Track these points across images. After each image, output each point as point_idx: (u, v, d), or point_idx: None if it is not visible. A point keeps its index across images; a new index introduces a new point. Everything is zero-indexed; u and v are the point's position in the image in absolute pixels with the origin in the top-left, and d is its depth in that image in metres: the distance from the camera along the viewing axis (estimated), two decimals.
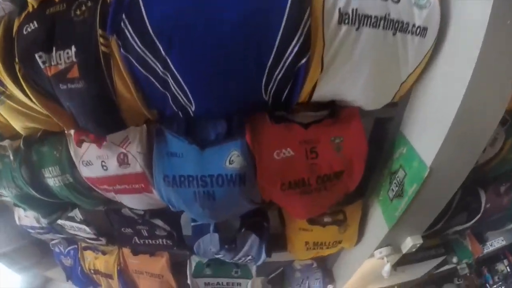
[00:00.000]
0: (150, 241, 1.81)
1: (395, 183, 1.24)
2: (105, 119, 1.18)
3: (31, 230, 2.46)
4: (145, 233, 1.77)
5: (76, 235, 2.29)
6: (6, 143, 1.68)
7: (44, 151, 1.55)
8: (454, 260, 2.30)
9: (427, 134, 1.07)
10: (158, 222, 1.69)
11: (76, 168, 1.44)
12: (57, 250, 2.66)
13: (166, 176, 1.21)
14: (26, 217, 2.38)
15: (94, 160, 1.35)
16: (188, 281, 2.15)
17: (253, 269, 2.10)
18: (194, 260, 2.06)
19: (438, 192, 1.13)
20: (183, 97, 0.98)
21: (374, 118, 1.26)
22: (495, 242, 2.55)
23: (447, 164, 1.01)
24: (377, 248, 1.53)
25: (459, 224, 1.79)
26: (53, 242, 2.61)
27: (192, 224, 1.66)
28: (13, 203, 2.39)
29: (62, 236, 2.43)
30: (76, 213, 2.01)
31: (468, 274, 2.72)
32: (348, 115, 1.13)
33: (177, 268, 2.22)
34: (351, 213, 1.67)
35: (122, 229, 1.78)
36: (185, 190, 1.21)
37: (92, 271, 2.49)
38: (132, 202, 1.49)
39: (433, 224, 1.46)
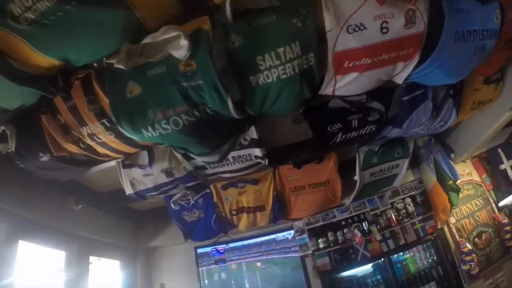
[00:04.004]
0: (354, 133, 1.76)
1: None
2: None
3: (153, 192, 2.09)
4: (355, 124, 1.70)
5: (215, 173, 2.04)
6: (171, 31, 1.07)
7: (266, 24, 1.08)
8: None
9: None
10: (375, 104, 1.63)
11: (324, 43, 1.17)
12: (176, 208, 2.35)
13: (457, 32, 1.31)
14: (146, 177, 1.98)
15: (370, 23, 1.16)
16: (356, 177, 2.21)
17: (411, 146, 2.27)
18: (362, 151, 2.10)
19: None
20: None
21: None
22: None
23: None
24: None
25: None
26: (174, 198, 2.25)
27: (406, 98, 1.66)
28: (122, 164, 1.91)
29: (190, 184, 2.10)
30: (249, 134, 1.76)
31: None
32: None
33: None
34: (505, 71, 2.01)
35: (329, 128, 1.68)
36: (470, 45, 1.36)
37: (234, 211, 2.29)
38: (365, 82, 1.40)
39: None
